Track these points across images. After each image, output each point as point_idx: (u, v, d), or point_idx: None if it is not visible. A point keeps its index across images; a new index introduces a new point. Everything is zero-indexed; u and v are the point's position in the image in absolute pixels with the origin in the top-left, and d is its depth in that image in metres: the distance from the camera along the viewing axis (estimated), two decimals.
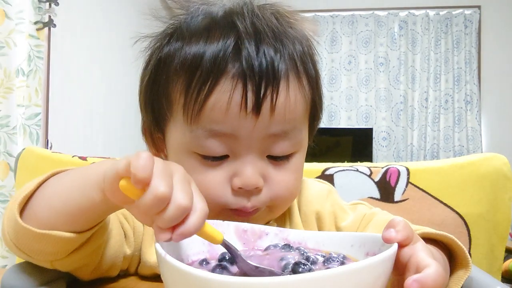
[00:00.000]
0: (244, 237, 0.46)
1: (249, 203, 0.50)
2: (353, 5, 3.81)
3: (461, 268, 0.47)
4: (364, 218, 0.59)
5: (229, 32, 0.48)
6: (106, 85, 2.75)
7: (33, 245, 0.43)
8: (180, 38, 0.52)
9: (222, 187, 0.49)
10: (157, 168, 0.34)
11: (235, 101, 0.46)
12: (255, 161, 0.49)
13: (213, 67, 0.47)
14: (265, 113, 0.47)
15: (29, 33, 1.91)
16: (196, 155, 0.50)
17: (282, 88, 0.48)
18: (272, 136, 0.49)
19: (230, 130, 0.48)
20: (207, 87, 0.47)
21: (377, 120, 3.75)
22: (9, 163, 1.74)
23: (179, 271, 0.32)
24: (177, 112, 0.50)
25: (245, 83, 0.46)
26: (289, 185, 0.52)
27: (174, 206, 0.33)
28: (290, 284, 0.29)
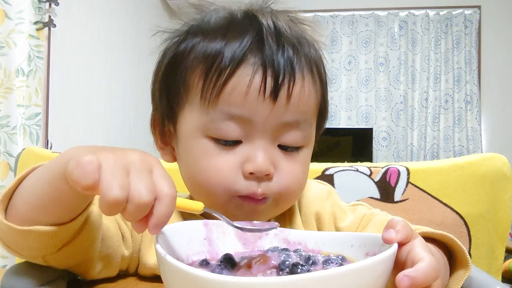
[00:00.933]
0: (244, 237, 0.46)
1: (259, 189, 0.50)
2: (353, 5, 3.81)
3: (461, 268, 0.47)
4: (364, 219, 0.59)
5: (251, 27, 0.51)
6: (106, 85, 2.75)
7: (20, 241, 0.43)
8: (200, 33, 0.53)
9: (233, 171, 0.50)
10: (105, 169, 0.34)
11: (254, 85, 0.48)
12: (267, 148, 0.50)
13: (234, 55, 0.49)
14: (282, 100, 0.49)
15: (29, 33, 1.91)
16: (209, 139, 0.50)
17: (298, 79, 0.50)
18: (286, 125, 0.51)
19: (247, 114, 0.49)
20: (228, 71, 0.48)
21: (377, 120, 3.75)
22: (9, 163, 1.74)
23: (179, 271, 0.32)
24: (195, 96, 0.51)
25: (265, 70, 0.48)
26: (298, 176, 0.53)
27: (133, 206, 0.33)
28: (289, 284, 0.29)
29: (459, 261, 0.47)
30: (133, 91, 3.12)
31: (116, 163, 0.35)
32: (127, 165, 0.35)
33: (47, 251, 0.44)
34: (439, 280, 0.35)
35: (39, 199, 0.42)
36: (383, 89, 3.75)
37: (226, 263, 0.40)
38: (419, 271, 0.33)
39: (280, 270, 0.37)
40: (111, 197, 0.33)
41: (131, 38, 3.07)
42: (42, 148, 1.84)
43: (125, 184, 0.34)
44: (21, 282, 0.45)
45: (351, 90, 3.80)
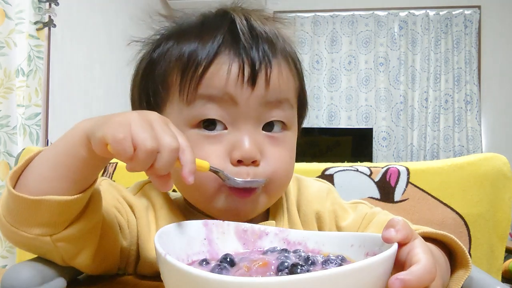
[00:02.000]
0: (244, 237, 0.46)
1: (248, 176, 0.50)
2: (353, 5, 3.81)
3: (461, 268, 0.47)
4: (365, 218, 0.58)
5: (224, 23, 0.52)
6: (106, 85, 2.75)
7: (30, 217, 0.43)
8: (174, 36, 0.55)
9: (221, 160, 0.50)
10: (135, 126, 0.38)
11: (233, 72, 0.50)
12: (252, 133, 0.51)
13: (210, 49, 0.50)
14: (261, 85, 0.51)
15: (29, 33, 1.91)
16: (194, 130, 0.51)
17: (274, 66, 0.52)
18: (268, 104, 0.52)
19: (229, 95, 0.50)
20: (204, 64, 0.50)
21: (377, 120, 3.75)
22: (9, 163, 1.74)
23: (179, 270, 0.32)
24: (174, 93, 0.53)
25: (242, 60, 0.50)
26: (284, 161, 0.54)
27: (165, 152, 0.38)
28: (288, 284, 0.29)
29: (460, 261, 0.47)
30: None
31: (143, 120, 0.38)
32: (149, 122, 0.39)
33: (55, 228, 0.44)
34: (437, 280, 0.35)
35: (53, 171, 0.43)
36: (383, 89, 3.75)
37: (225, 263, 0.40)
38: (413, 273, 0.33)
39: (279, 271, 0.37)
40: (148, 147, 0.37)
41: (131, 38, 3.07)
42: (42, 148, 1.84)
43: (154, 135, 0.38)
44: (21, 282, 0.45)
45: (351, 90, 3.80)
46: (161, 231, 0.41)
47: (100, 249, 0.50)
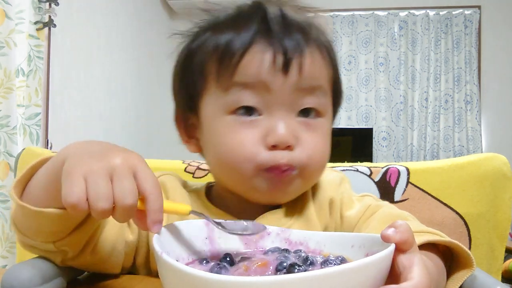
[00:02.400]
0: (246, 237, 0.46)
1: (283, 160, 0.51)
2: (353, 5, 3.81)
3: (464, 268, 0.47)
4: (369, 209, 0.58)
5: (258, 14, 0.54)
6: (106, 85, 2.75)
7: (33, 225, 0.46)
8: (211, 29, 0.57)
9: (256, 145, 0.52)
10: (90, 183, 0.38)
11: (266, 60, 0.51)
12: (287, 119, 0.52)
13: (244, 39, 0.52)
14: (294, 72, 0.52)
15: (29, 33, 1.91)
16: (231, 116, 0.53)
17: (307, 55, 0.53)
18: (301, 90, 0.53)
19: (264, 80, 0.51)
20: (240, 53, 0.51)
21: (377, 120, 3.75)
22: (9, 163, 1.74)
23: (174, 269, 0.32)
24: (211, 82, 0.54)
25: (274, 49, 0.51)
26: (319, 147, 0.55)
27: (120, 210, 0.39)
28: (283, 283, 0.29)
29: (463, 261, 0.47)
30: (133, 91, 3.12)
31: (100, 173, 0.38)
32: (110, 171, 0.39)
33: (58, 236, 0.47)
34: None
35: (46, 188, 0.45)
36: (383, 89, 3.75)
37: (225, 263, 0.40)
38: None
39: (278, 271, 0.37)
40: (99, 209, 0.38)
41: (131, 38, 3.07)
42: (42, 148, 1.84)
43: (109, 193, 0.38)
44: (21, 282, 0.45)
45: (351, 90, 3.80)
46: (162, 230, 0.41)
47: (100, 248, 0.51)
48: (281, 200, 0.57)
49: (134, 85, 3.13)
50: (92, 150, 0.41)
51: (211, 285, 0.29)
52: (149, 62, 3.37)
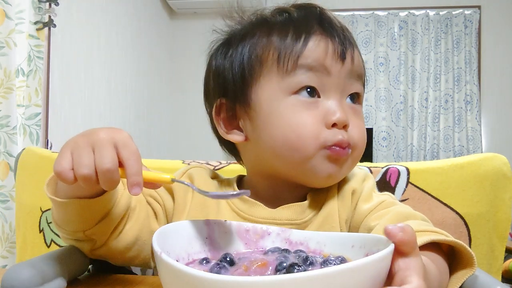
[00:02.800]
0: (246, 237, 0.47)
1: (343, 137, 0.57)
2: (353, 5, 3.81)
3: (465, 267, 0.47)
4: (381, 205, 0.59)
5: (313, 13, 0.62)
6: (106, 85, 2.75)
7: (64, 215, 0.52)
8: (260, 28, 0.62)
9: (318, 124, 0.57)
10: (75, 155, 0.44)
11: (329, 48, 0.58)
12: (341, 101, 0.59)
13: (306, 29, 0.59)
14: (348, 60, 0.59)
15: (29, 33, 1.91)
16: (293, 98, 0.57)
17: (355, 49, 0.61)
18: (352, 76, 0.60)
19: (325, 66, 0.58)
20: (303, 38, 0.58)
21: (377, 120, 3.75)
22: (9, 163, 1.74)
23: (175, 269, 0.32)
24: (271, 66, 0.59)
25: (333, 39, 0.59)
26: (364, 130, 0.61)
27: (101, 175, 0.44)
28: (281, 283, 0.29)
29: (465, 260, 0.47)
30: (133, 91, 3.12)
31: (83, 146, 0.44)
32: (92, 143, 0.44)
33: (87, 224, 0.52)
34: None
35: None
36: (383, 89, 3.75)
37: (225, 263, 0.40)
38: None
39: (277, 271, 0.37)
40: (81, 175, 0.43)
41: (131, 38, 3.07)
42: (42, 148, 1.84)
43: (90, 161, 0.43)
44: (21, 282, 0.45)
45: None
46: (162, 229, 0.41)
47: (125, 236, 0.56)
48: (334, 180, 0.61)
49: (134, 85, 3.13)
50: (84, 132, 0.47)
51: (211, 285, 0.29)
52: (149, 62, 3.37)
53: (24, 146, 1.72)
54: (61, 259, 0.52)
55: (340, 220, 0.59)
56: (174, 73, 3.79)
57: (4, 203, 1.72)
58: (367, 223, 0.57)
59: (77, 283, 0.53)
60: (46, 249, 0.87)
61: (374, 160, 3.61)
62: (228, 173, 0.70)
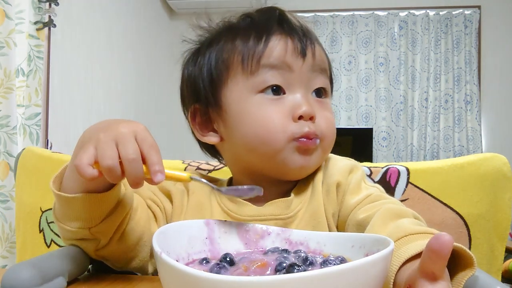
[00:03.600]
0: (246, 237, 0.47)
1: (310, 129, 0.59)
2: (353, 5, 3.81)
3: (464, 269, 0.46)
4: (368, 198, 0.59)
5: (273, 14, 0.64)
6: (106, 85, 2.75)
7: (68, 212, 0.53)
8: (225, 34, 0.65)
9: (285, 118, 0.59)
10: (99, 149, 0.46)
11: (289, 47, 0.61)
12: (306, 95, 0.61)
13: (264, 29, 0.61)
14: (309, 56, 0.62)
15: (29, 33, 1.91)
16: (259, 96, 0.60)
17: (316, 45, 0.63)
18: (315, 71, 0.62)
19: (287, 63, 0.60)
20: (264, 39, 0.61)
21: (377, 120, 3.75)
22: (9, 163, 1.74)
23: (175, 269, 0.32)
24: (236, 69, 0.62)
25: (292, 37, 0.61)
26: (332, 121, 0.63)
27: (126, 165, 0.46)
28: (284, 283, 0.29)
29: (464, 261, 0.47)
30: (133, 91, 3.12)
31: (107, 139, 0.46)
32: (115, 138, 0.46)
33: (92, 221, 0.53)
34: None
35: (74, 179, 0.51)
36: (383, 89, 3.75)
37: (225, 263, 0.40)
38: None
39: (277, 271, 0.37)
40: (105, 166, 0.45)
41: (131, 38, 3.07)
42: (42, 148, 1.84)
43: (114, 153, 0.45)
44: (21, 282, 0.45)
45: (351, 90, 3.80)
46: (162, 229, 0.41)
47: (127, 236, 0.57)
48: (305, 172, 0.63)
49: (134, 85, 3.13)
50: (101, 126, 0.49)
51: (210, 285, 0.29)
52: (149, 62, 3.36)
53: (24, 146, 1.72)
54: (61, 259, 0.52)
55: (327, 214, 0.61)
56: (174, 73, 3.78)
57: (4, 203, 1.72)
58: (355, 216, 0.58)
59: (77, 283, 0.53)
60: (46, 249, 0.87)
61: (374, 160, 3.61)
62: (227, 173, 0.70)
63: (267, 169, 0.62)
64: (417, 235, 0.46)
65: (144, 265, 0.61)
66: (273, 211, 0.60)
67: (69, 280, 0.51)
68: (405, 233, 0.45)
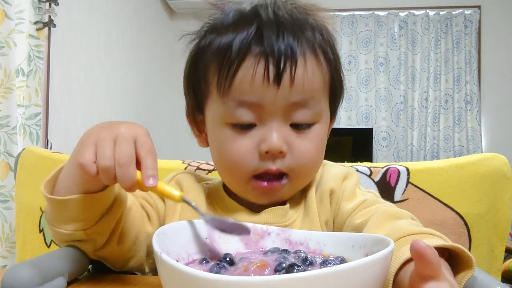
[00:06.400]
0: (246, 237, 0.46)
1: (274, 166, 0.56)
2: (353, 5, 3.81)
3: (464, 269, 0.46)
4: (363, 203, 0.59)
5: (253, 21, 0.56)
6: (106, 85, 2.75)
7: (62, 215, 0.51)
8: (215, 31, 0.59)
9: (251, 153, 0.56)
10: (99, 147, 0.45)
11: (258, 74, 0.54)
12: (279, 127, 0.55)
13: (239, 49, 0.54)
14: (285, 84, 0.54)
15: (29, 33, 1.91)
16: (228, 126, 0.57)
17: (300, 63, 0.54)
18: (294, 105, 0.55)
19: (256, 99, 0.55)
20: (235, 64, 0.54)
21: (377, 120, 3.75)
22: (9, 163, 1.74)
23: (175, 269, 0.32)
24: (213, 90, 0.58)
25: (266, 59, 0.53)
26: (310, 152, 0.58)
27: (118, 167, 0.44)
28: (284, 283, 0.29)
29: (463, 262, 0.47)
30: (133, 91, 3.12)
31: (106, 139, 0.45)
32: (114, 137, 0.45)
33: (87, 223, 0.52)
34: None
35: (69, 180, 0.50)
36: (383, 89, 3.75)
37: (225, 263, 0.40)
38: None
39: (277, 271, 0.37)
40: (102, 166, 0.44)
41: (131, 38, 3.07)
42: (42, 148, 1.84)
43: (111, 154, 0.44)
44: (21, 282, 0.45)
45: (351, 90, 3.80)
46: (162, 229, 0.41)
47: (125, 237, 0.56)
48: (274, 201, 0.60)
49: (134, 85, 3.13)
50: (103, 125, 0.48)
51: (210, 285, 0.29)
52: (149, 62, 3.36)
53: (24, 146, 1.72)
54: (61, 259, 0.52)
55: (320, 222, 0.60)
56: (174, 73, 3.79)
57: (4, 203, 1.72)
58: (351, 221, 0.57)
59: (77, 283, 0.53)
60: (46, 249, 0.87)
61: (374, 160, 3.61)
62: None
63: (239, 194, 0.61)
64: (416, 235, 0.46)
65: (142, 264, 0.60)
66: (270, 219, 0.59)
67: (69, 280, 0.51)
68: (403, 233, 0.45)
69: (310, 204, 0.61)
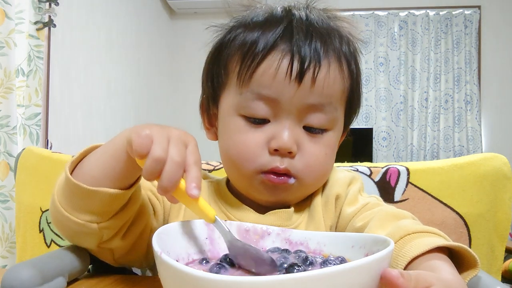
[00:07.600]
0: (246, 237, 0.47)
1: (282, 165, 0.55)
2: (353, 5, 3.81)
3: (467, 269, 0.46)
4: (365, 207, 0.59)
5: (284, 19, 0.57)
6: (106, 85, 2.75)
7: (83, 204, 0.49)
8: (243, 26, 0.60)
9: (260, 147, 0.55)
10: (155, 138, 0.43)
11: (282, 69, 0.53)
12: (292, 127, 0.55)
13: (267, 42, 0.55)
14: (306, 83, 0.54)
15: (29, 33, 1.91)
16: (241, 118, 0.57)
17: (323, 67, 0.54)
18: (310, 107, 0.55)
19: (274, 94, 0.54)
20: (260, 56, 0.54)
21: (377, 120, 3.75)
22: (9, 163, 1.74)
23: (174, 269, 0.32)
24: (232, 79, 0.58)
25: (292, 56, 0.53)
26: (320, 157, 0.57)
27: (169, 164, 0.42)
28: (284, 283, 0.29)
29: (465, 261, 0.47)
30: (133, 91, 3.12)
31: (163, 135, 0.43)
32: (169, 137, 0.44)
33: (103, 217, 0.50)
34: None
35: (101, 168, 0.48)
36: (383, 89, 3.75)
37: (225, 263, 0.40)
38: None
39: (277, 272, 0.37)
40: (156, 155, 0.42)
41: (131, 38, 3.07)
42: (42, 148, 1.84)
43: (166, 148, 0.42)
44: (21, 282, 0.45)
45: None
46: (162, 229, 0.41)
47: (131, 233, 0.55)
48: (280, 203, 0.60)
49: (134, 85, 3.13)
50: (151, 124, 0.46)
51: (210, 285, 0.29)
52: (149, 62, 3.36)
53: (24, 146, 1.72)
54: (61, 259, 0.52)
55: (326, 227, 0.60)
56: (174, 73, 3.79)
57: (4, 203, 1.72)
58: (353, 224, 0.57)
59: (77, 283, 0.53)
60: (46, 249, 0.87)
61: (374, 160, 3.61)
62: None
63: (243, 189, 0.61)
64: (419, 233, 0.46)
65: (139, 260, 0.60)
66: (275, 221, 0.59)
67: (69, 280, 0.51)
68: (408, 231, 0.45)
69: (315, 208, 0.61)
